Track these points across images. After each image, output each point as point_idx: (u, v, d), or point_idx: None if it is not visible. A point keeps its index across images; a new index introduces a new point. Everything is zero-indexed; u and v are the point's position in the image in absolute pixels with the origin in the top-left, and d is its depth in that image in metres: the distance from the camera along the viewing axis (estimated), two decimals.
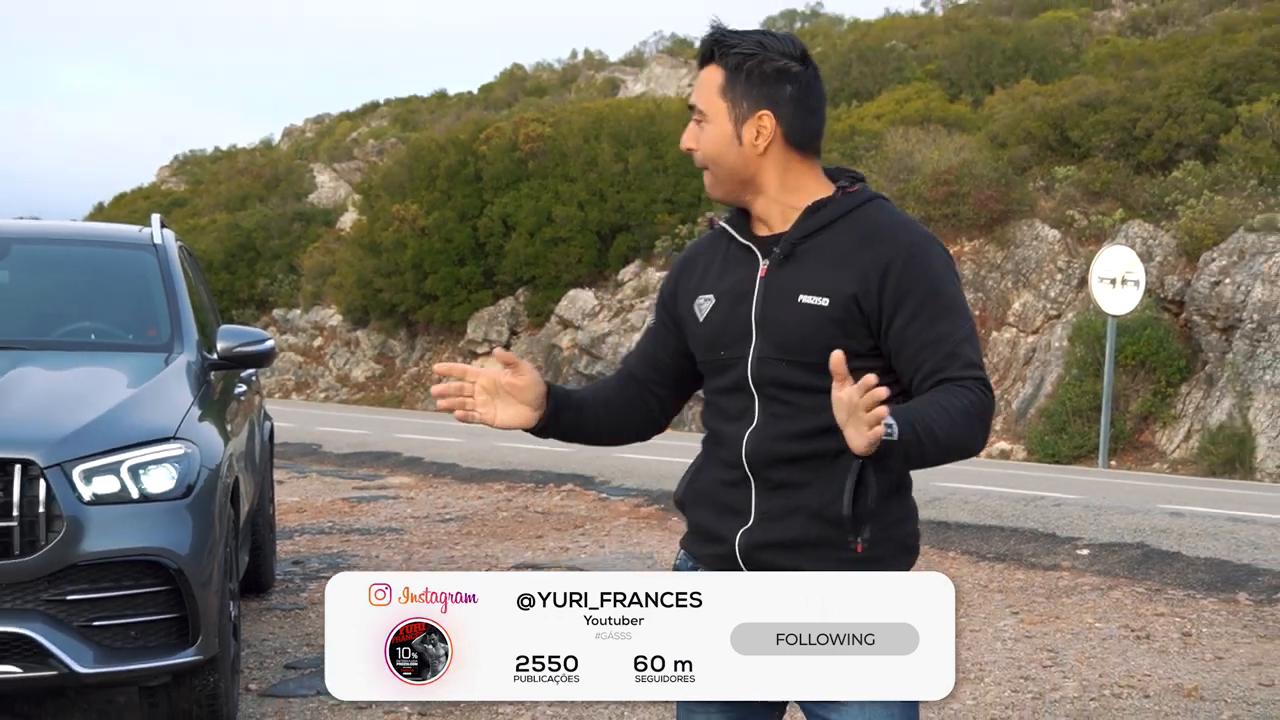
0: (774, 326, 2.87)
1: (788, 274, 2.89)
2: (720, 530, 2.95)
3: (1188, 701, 6.62)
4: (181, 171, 57.44)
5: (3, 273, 7.75)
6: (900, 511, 2.94)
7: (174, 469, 5.78)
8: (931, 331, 2.81)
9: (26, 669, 5.42)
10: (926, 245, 2.88)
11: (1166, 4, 42.58)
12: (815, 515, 2.85)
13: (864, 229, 2.88)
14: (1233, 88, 27.14)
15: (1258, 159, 24.81)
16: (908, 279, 2.83)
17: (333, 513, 13.07)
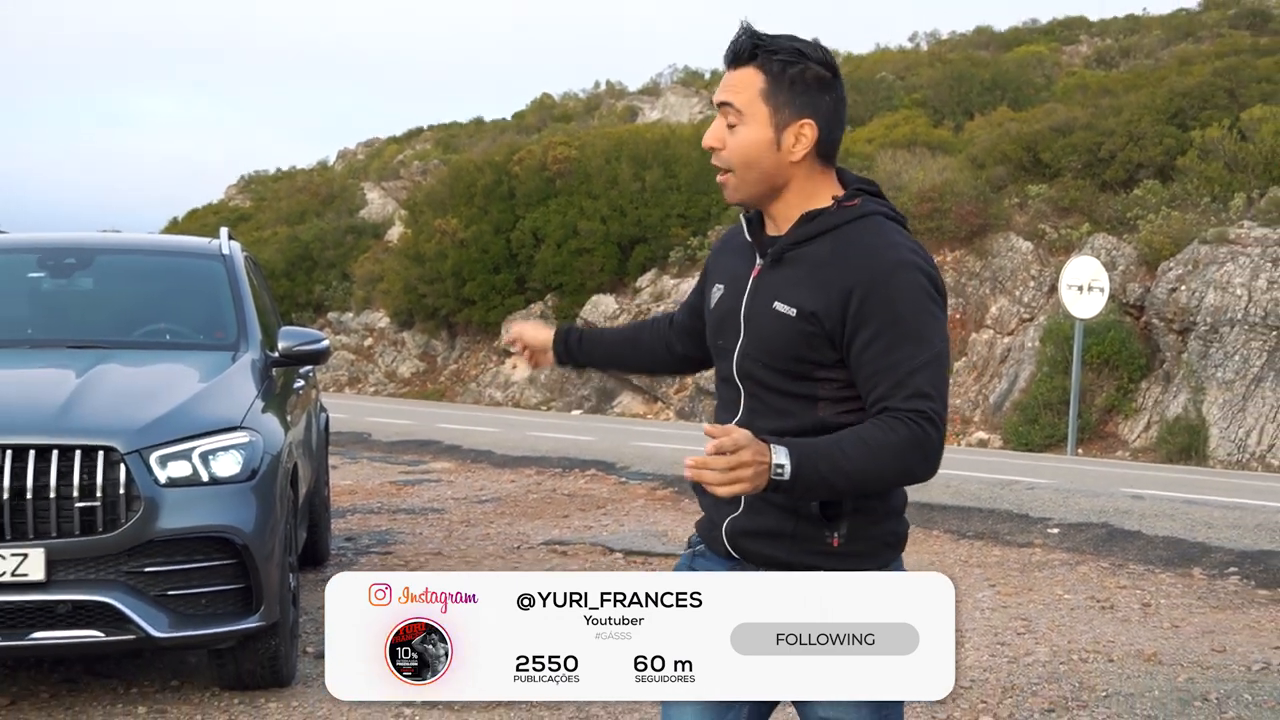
0: (754, 327, 2.74)
1: (772, 279, 2.73)
2: (716, 516, 2.82)
3: (1148, 665, 6.61)
4: (247, 190, 57.51)
5: (88, 280, 7.78)
6: (882, 509, 2.74)
7: (240, 455, 5.80)
8: (885, 359, 2.60)
9: (109, 633, 5.45)
10: (900, 272, 2.64)
11: (1128, 40, 42.52)
12: (791, 510, 2.69)
13: (847, 246, 2.67)
14: (1188, 115, 27.14)
15: (1210, 179, 24.83)
16: (871, 304, 2.61)
17: (381, 494, 13.08)
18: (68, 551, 5.38)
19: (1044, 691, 6.11)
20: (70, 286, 7.73)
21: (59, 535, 5.38)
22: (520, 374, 26.64)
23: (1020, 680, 6.31)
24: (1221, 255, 21.95)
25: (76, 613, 5.42)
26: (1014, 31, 47.14)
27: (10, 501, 5.34)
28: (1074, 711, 5.81)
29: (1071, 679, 6.34)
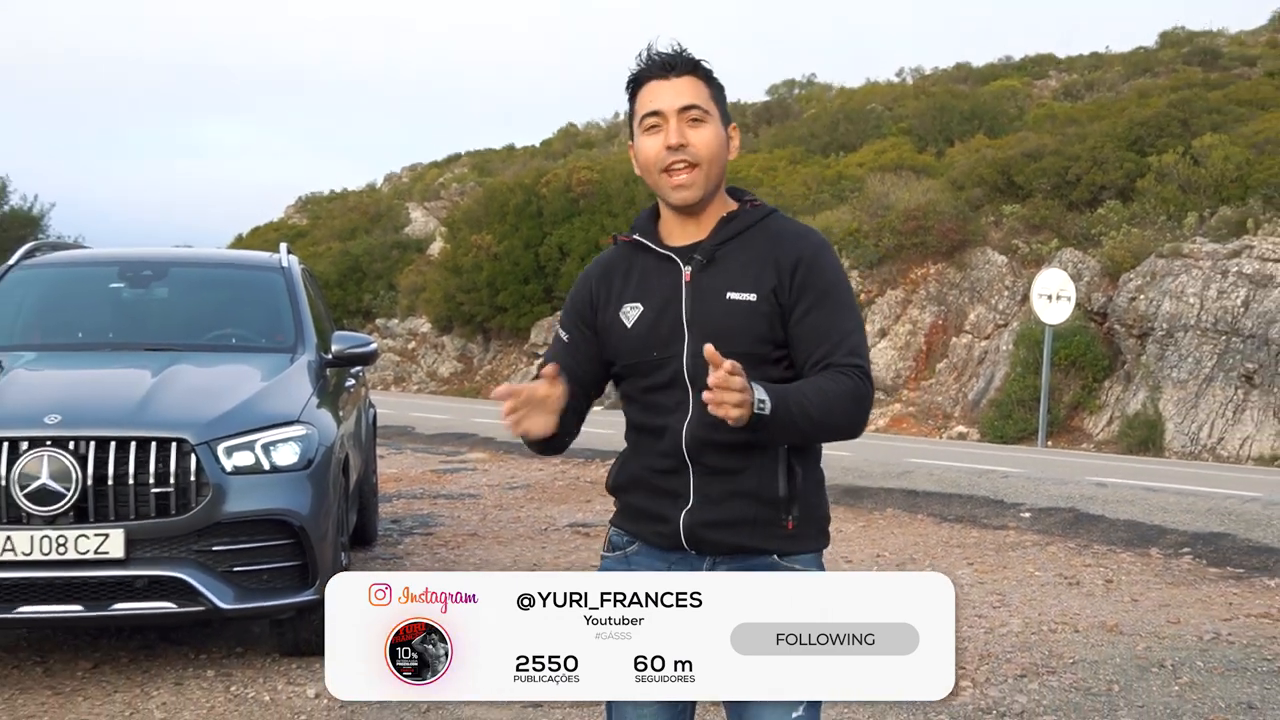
0: (705, 323, 2.57)
1: (711, 276, 2.61)
2: (661, 511, 2.63)
3: (1110, 635, 6.59)
4: (304, 209, 57.60)
5: (163, 290, 7.80)
6: (816, 494, 2.67)
7: (297, 446, 5.81)
8: (825, 323, 2.56)
9: (180, 605, 5.47)
10: (825, 250, 2.65)
11: (1092, 74, 42.42)
12: (753, 497, 2.57)
13: (773, 235, 2.64)
14: (1146, 142, 27.13)
15: (1166, 199, 24.87)
16: (811, 275, 2.58)
17: (423, 481, 13.10)
18: (144, 532, 5.40)
19: (1017, 659, 6.10)
20: (147, 295, 7.75)
21: (137, 517, 5.40)
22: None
23: (995, 649, 6.29)
24: (1176, 268, 21.95)
25: (152, 587, 5.44)
26: (990, 67, 47.05)
27: (94, 487, 5.36)
28: (1044, 677, 5.79)
29: (1041, 648, 6.32)
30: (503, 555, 8.83)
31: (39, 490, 5.31)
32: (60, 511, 5.32)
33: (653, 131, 2.64)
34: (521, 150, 54.69)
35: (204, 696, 5.45)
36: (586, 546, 9.25)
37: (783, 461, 2.58)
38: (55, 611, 5.40)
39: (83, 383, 6.16)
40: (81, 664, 5.92)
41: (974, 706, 5.36)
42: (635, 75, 2.69)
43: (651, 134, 2.64)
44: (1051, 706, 5.36)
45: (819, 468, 2.71)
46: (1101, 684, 5.69)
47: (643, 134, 2.66)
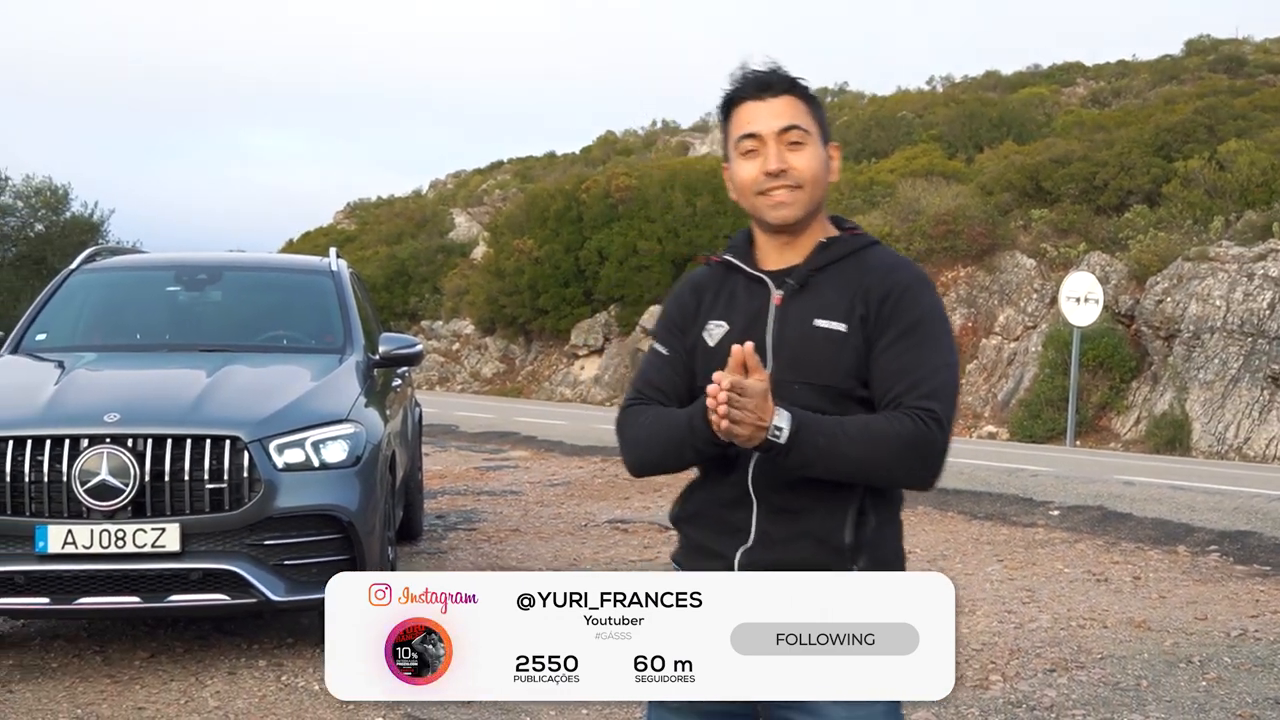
0: (790, 351, 2.37)
1: (802, 302, 2.39)
2: (719, 548, 2.41)
3: (1138, 631, 6.53)
4: (352, 215, 57.89)
5: (217, 293, 7.84)
6: (894, 540, 2.43)
7: (346, 444, 5.83)
8: (905, 360, 2.31)
9: (234, 597, 5.50)
10: (921, 284, 2.40)
11: (1120, 82, 42.12)
12: (818, 540, 2.34)
13: (869, 265, 2.41)
14: (1172, 148, 26.91)
15: (1192, 204, 24.66)
16: (898, 309, 2.34)
17: (467, 478, 13.13)
18: (199, 526, 5.43)
19: (1046, 654, 6.05)
20: (202, 298, 7.80)
21: (192, 512, 5.43)
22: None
23: (1025, 644, 6.25)
24: (1202, 271, 21.75)
25: (206, 579, 5.47)
26: (1019, 75, 46.82)
27: (151, 483, 5.39)
28: (1073, 671, 5.75)
29: (1070, 643, 6.27)
30: (543, 550, 8.83)
31: (99, 486, 5.34)
32: (119, 506, 5.36)
33: (750, 155, 2.42)
34: (562, 157, 54.76)
35: (256, 685, 5.47)
36: (625, 542, 9.24)
37: (855, 505, 2.34)
38: (114, 603, 5.44)
39: (141, 382, 6.21)
40: (139, 653, 5.96)
41: (1004, 700, 5.31)
42: (729, 95, 2.47)
43: (749, 158, 2.43)
44: (1080, 701, 5.31)
45: (898, 514, 2.46)
46: (1130, 679, 5.63)
47: (739, 157, 2.44)
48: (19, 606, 5.47)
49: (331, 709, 5.15)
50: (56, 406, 5.65)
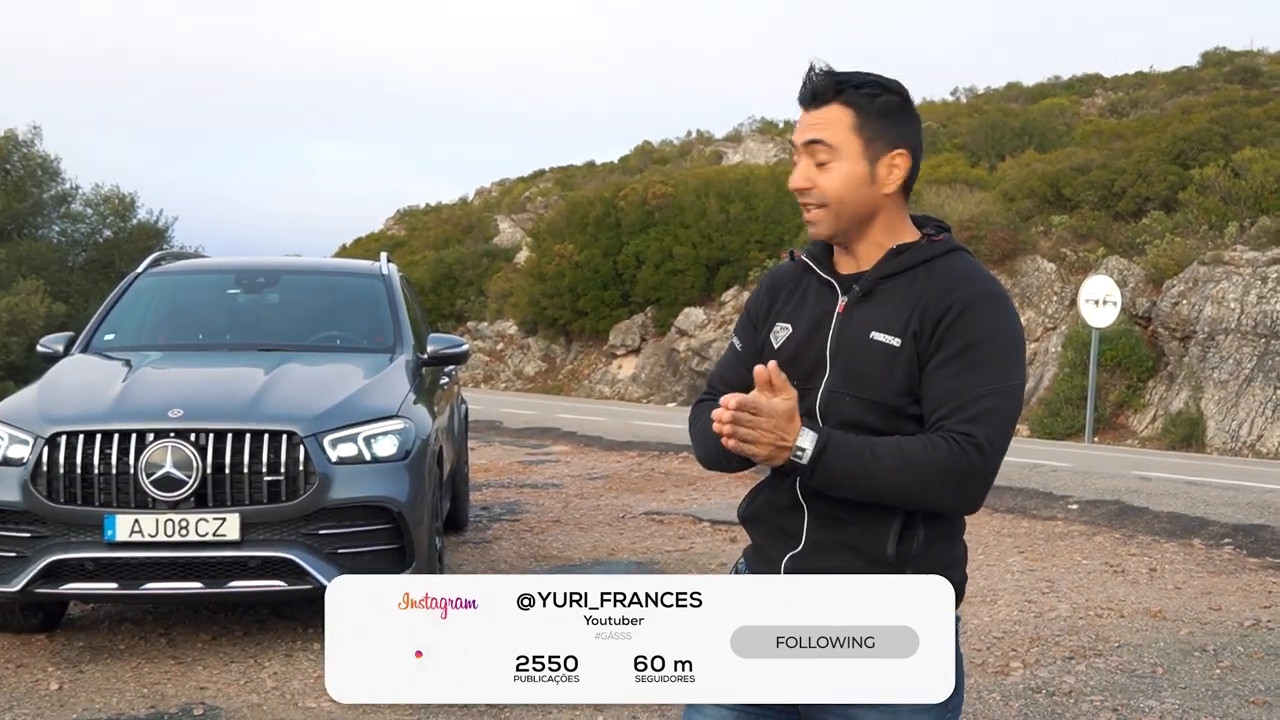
0: (845, 361, 2.21)
1: (864, 311, 2.22)
2: (772, 551, 2.30)
3: (1154, 621, 6.48)
4: (402, 221, 58.06)
5: (274, 295, 7.89)
6: (948, 557, 2.26)
7: (396, 439, 5.85)
8: (954, 381, 2.13)
9: (290, 583, 5.53)
10: (987, 301, 2.17)
11: (1137, 93, 41.77)
12: (860, 552, 2.20)
13: (939, 277, 2.19)
14: (1188, 156, 26.69)
15: (1208, 210, 24.45)
16: (956, 327, 2.14)
17: (510, 472, 13.16)
18: (257, 516, 5.47)
19: (1065, 642, 6.02)
20: (260, 300, 7.85)
21: (251, 503, 5.47)
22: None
23: (1045, 632, 6.21)
24: (1218, 274, 21.58)
25: (264, 566, 5.51)
26: (1040, 86, 46.48)
27: (212, 475, 5.44)
28: (1091, 659, 5.71)
29: (1089, 631, 6.23)
30: (583, 540, 8.85)
31: (163, 478, 5.40)
32: (182, 497, 5.41)
33: (796, 164, 2.29)
34: (601, 166, 54.76)
35: (311, 667, 5.51)
36: (660, 533, 9.24)
37: (900, 517, 2.19)
38: (178, 588, 5.49)
39: (203, 380, 6.26)
40: (201, 636, 6.01)
41: (1024, 686, 5.29)
42: (798, 99, 2.30)
43: (795, 165, 2.29)
44: (1098, 687, 5.28)
45: (956, 528, 2.29)
46: (1146, 666, 5.60)
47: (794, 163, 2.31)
48: (89, 591, 5.53)
49: None
50: (124, 403, 5.71)
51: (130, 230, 28.07)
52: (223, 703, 5.00)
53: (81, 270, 27.13)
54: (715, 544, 8.83)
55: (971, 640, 6.03)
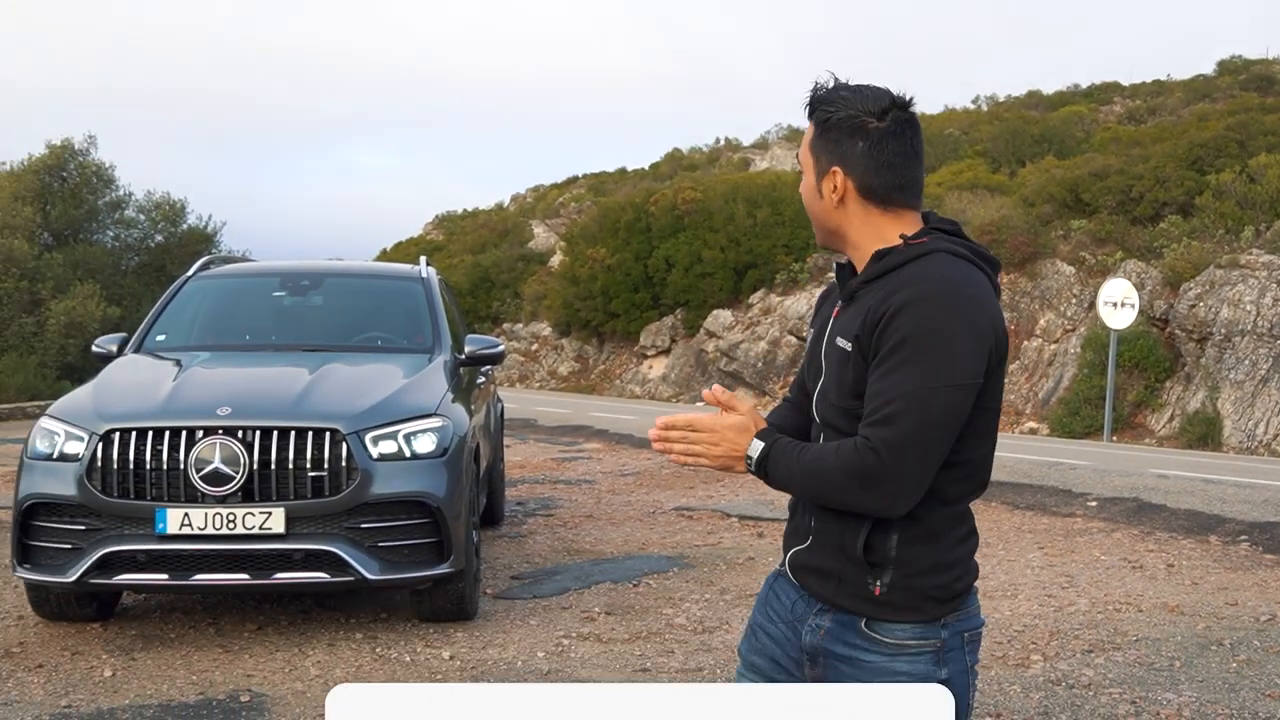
0: (828, 366, 2.21)
1: (843, 317, 2.21)
2: (789, 544, 2.31)
3: (1171, 615, 6.42)
4: (440, 226, 58.26)
5: (318, 297, 7.93)
6: (928, 560, 2.14)
7: (435, 436, 5.87)
8: (878, 383, 2.06)
9: (333, 575, 5.55)
10: (923, 302, 2.06)
11: (1155, 100, 41.45)
12: (841, 552, 2.16)
13: (900, 279, 2.11)
14: (1205, 162, 26.49)
15: (1224, 214, 24.26)
16: (889, 330, 2.06)
17: (544, 468, 13.18)
18: (302, 510, 5.49)
19: (1084, 635, 5.97)
20: (305, 302, 7.89)
21: (295, 498, 5.50)
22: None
23: (1064, 626, 6.17)
24: (1234, 277, 21.40)
25: (308, 559, 5.53)
26: (1059, 94, 46.21)
27: (259, 471, 5.47)
28: (1109, 652, 5.66)
29: (1107, 625, 6.18)
30: (615, 535, 8.85)
31: (212, 473, 5.43)
32: (230, 492, 5.44)
33: None
34: (632, 173, 54.80)
35: (353, 656, 5.53)
36: (689, 528, 9.23)
37: (868, 523, 2.13)
38: (225, 579, 5.51)
39: (250, 379, 6.29)
40: (248, 626, 6.04)
41: (1045, 678, 5.25)
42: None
43: None
44: (1117, 679, 5.24)
45: (946, 532, 2.18)
46: (1164, 660, 5.55)
47: None
48: (141, 582, 5.56)
49: (421, 677, 5.19)
50: (175, 401, 5.75)
51: (180, 235, 28.25)
52: (268, 690, 5.03)
53: (134, 274, 27.33)
54: (743, 539, 8.81)
55: (993, 633, 6.00)
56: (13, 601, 6.42)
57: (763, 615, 2.35)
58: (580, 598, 6.79)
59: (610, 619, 6.32)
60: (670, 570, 7.58)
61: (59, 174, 27.29)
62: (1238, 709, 4.85)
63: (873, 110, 2.18)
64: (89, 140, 27.76)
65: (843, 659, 2.18)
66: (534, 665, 5.42)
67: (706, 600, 6.75)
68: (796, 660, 2.26)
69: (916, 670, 2.14)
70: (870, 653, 2.16)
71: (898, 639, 2.15)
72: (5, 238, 23.66)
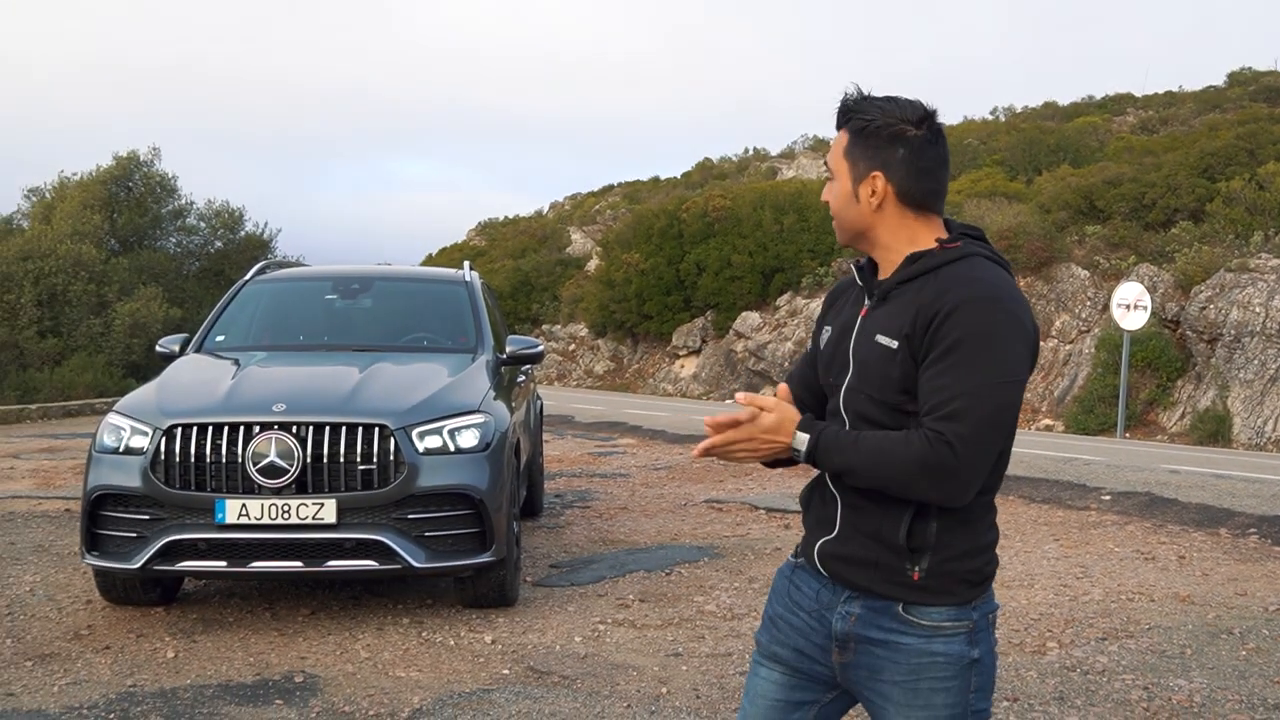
0: (860, 362, 2.20)
1: (877, 315, 2.20)
2: (813, 535, 2.29)
3: (1183, 605, 6.36)
4: (483, 232, 58.42)
5: (368, 300, 7.96)
6: (964, 545, 2.16)
7: (478, 432, 5.88)
8: (935, 381, 2.07)
9: (382, 563, 5.57)
10: (974, 304, 2.08)
11: (1167, 111, 41.07)
12: (878, 540, 2.16)
13: (941, 281, 2.13)
14: (1215, 170, 26.26)
15: (1234, 220, 24.06)
16: (943, 329, 2.07)
17: (581, 463, 13.18)
18: (352, 502, 5.52)
19: (1098, 624, 5.92)
20: (355, 305, 7.92)
21: (346, 490, 5.53)
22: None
23: (1079, 614, 6.12)
24: (1243, 281, 21.19)
25: (359, 547, 5.55)
26: (1074, 105, 45.84)
27: (312, 464, 5.50)
28: (1122, 640, 5.61)
29: (1120, 614, 6.13)
30: (648, 526, 8.85)
31: (268, 466, 5.46)
32: (285, 484, 5.47)
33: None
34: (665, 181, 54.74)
35: (400, 640, 5.55)
36: (719, 520, 9.22)
37: (910, 509, 2.13)
38: (281, 567, 5.55)
39: (303, 377, 6.32)
40: (301, 611, 6.08)
41: (1060, 665, 5.21)
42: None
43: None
44: (1129, 666, 5.19)
45: (975, 517, 2.19)
46: (1175, 647, 5.49)
47: None
48: (201, 569, 5.60)
49: (464, 660, 5.21)
50: (233, 398, 5.78)
51: (238, 241, 28.45)
52: (320, 671, 5.06)
53: (195, 278, 27.55)
54: (770, 530, 8.79)
55: (1010, 621, 5.96)
56: (82, 587, 6.49)
57: (783, 607, 2.34)
58: (615, 585, 6.79)
59: (644, 606, 6.32)
60: (701, 560, 7.57)
61: (125, 184, 27.55)
62: (1247, 695, 4.80)
63: (910, 119, 2.21)
64: (153, 152, 28.03)
65: (877, 643, 2.19)
66: (571, 649, 5.43)
67: (735, 588, 6.74)
68: (822, 647, 2.26)
69: (952, 651, 2.16)
70: (908, 635, 2.17)
71: (934, 621, 2.16)
72: (75, 243, 23.90)
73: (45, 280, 23.20)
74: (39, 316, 22.97)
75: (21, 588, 6.46)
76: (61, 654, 5.27)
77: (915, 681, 2.16)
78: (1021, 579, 7.02)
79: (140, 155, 27.72)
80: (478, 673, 5.06)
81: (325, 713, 4.53)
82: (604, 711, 4.54)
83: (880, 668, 2.19)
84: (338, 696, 4.71)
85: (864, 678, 2.22)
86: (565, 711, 4.53)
